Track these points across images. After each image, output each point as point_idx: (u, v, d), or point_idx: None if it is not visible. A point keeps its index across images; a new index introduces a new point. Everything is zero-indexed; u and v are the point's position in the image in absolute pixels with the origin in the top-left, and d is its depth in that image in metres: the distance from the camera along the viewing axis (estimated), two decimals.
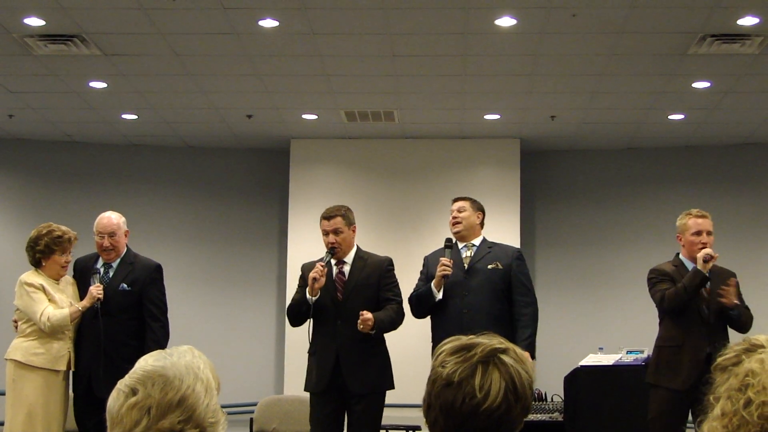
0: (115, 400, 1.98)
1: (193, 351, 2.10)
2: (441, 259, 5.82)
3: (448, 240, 5.97)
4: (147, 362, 2.03)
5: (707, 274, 5.74)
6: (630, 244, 10.94)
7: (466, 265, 5.90)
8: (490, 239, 6.15)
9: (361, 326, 5.52)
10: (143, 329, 5.84)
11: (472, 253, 5.96)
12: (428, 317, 6.06)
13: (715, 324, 5.78)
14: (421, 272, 6.12)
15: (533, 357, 5.75)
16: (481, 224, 6.11)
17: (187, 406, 1.97)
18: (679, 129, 10.36)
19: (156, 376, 1.98)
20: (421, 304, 5.95)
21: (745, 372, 1.84)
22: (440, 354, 1.96)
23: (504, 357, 1.93)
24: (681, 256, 6.03)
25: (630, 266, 10.54)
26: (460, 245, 6.02)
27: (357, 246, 5.94)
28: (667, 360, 5.85)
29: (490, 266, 5.89)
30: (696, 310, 5.79)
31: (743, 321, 5.83)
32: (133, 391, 1.97)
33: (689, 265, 5.88)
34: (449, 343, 1.98)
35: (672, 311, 5.88)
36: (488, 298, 5.81)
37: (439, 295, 5.83)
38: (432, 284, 5.85)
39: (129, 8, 7.01)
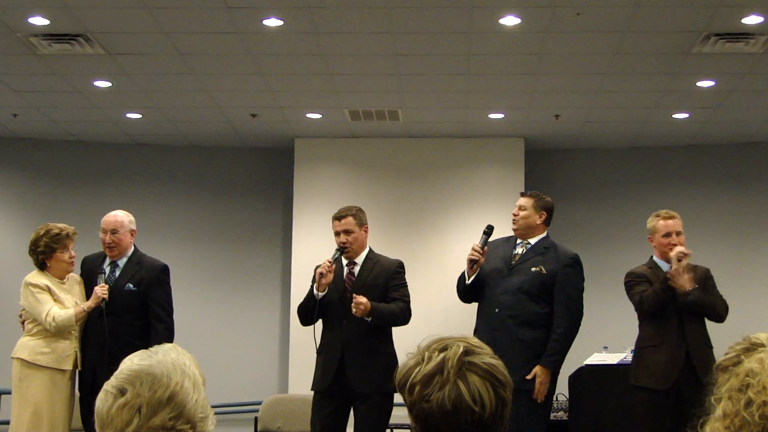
0: (103, 401, 1.98)
1: (177, 348, 2.11)
2: (473, 244, 5.73)
3: (489, 226, 5.75)
4: (132, 362, 2.03)
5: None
6: (634, 242, 10.90)
7: (513, 263, 5.72)
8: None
9: (354, 310, 5.50)
10: (149, 329, 5.84)
11: (524, 251, 5.77)
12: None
13: (690, 321, 5.76)
14: None
15: (556, 373, 5.60)
16: (545, 222, 5.83)
17: (177, 403, 1.97)
18: (683, 128, 10.35)
19: (143, 374, 1.98)
20: (458, 285, 5.86)
21: (745, 372, 1.84)
22: (414, 389, 1.92)
23: (471, 358, 1.93)
24: (654, 257, 6.04)
25: (634, 265, 10.52)
26: (518, 241, 5.82)
27: (369, 247, 5.90)
28: (645, 360, 5.86)
29: (533, 269, 5.65)
30: (673, 310, 5.77)
31: (706, 307, 5.77)
32: (122, 392, 1.97)
33: (663, 266, 5.87)
34: (413, 374, 1.94)
35: (651, 313, 5.88)
36: (522, 301, 5.61)
37: (469, 281, 5.73)
38: (466, 268, 5.78)
39: (133, 7, 7.01)
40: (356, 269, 5.81)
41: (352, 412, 5.76)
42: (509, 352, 5.36)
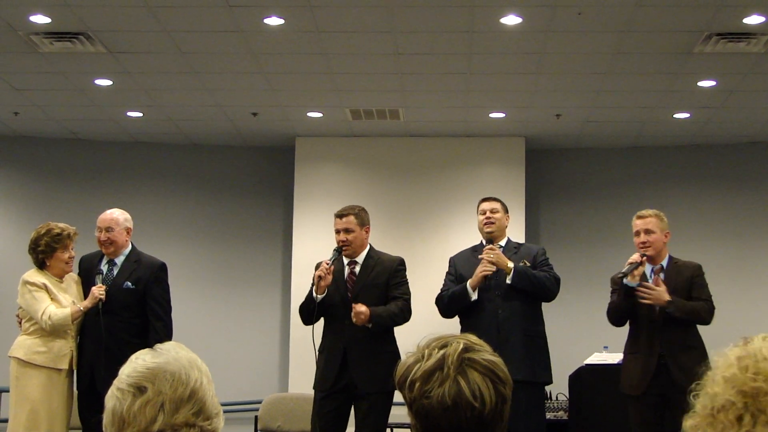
0: (120, 400, 1.97)
1: (182, 346, 2.11)
2: (484, 254, 5.80)
3: (490, 241, 5.97)
4: (145, 360, 2.02)
5: (632, 285, 5.71)
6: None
7: (496, 267, 5.85)
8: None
9: (354, 318, 5.53)
10: (146, 327, 5.84)
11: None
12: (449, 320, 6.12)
13: (667, 325, 5.68)
14: (449, 273, 6.12)
15: (515, 280, 5.78)
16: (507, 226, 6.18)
17: (198, 400, 1.99)
18: (684, 128, 10.35)
19: (161, 372, 1.98)
20: (454, 303, 5.97)
21: (718, 367, 1.89)
22: (414, 385, 1.93)
23: (471, 355, 1.94)
24: None
25: None
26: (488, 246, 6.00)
27: (370, 246, 5.94)
28: (625, 367, 5.90)
29: (519, 265, 5.90)
30: (646, 315, 5.75)
31: (686, 316, 5.68)
32: (141, 390, 1.97)
33: (647, 269, 5.86)
34: (413, 371, 1.94)
35: (615, 324, 5.98)
36: (523, 296, 5.84)
37: (474, 296, 5.85)
38: (468, 284, 5.87)
39: (134, 6, 7.02)
40: (357, 269, 5.84)
41: (352, 411, 5.79)
42: (518, 348, 5.72)
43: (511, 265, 5.78)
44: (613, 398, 7.04)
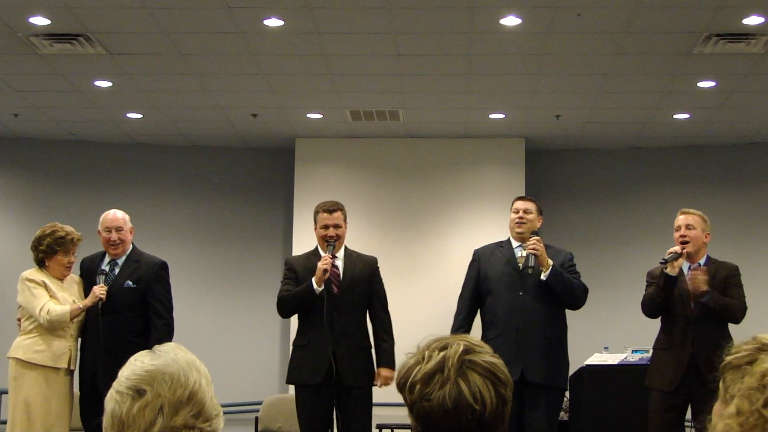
0: (120, 403, 1.97)
1: (182, 347, 2.11)
2: (530, 243, 5.80)
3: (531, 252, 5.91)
4: (144, 362, 2.01)
5: (672, 275, 5.76)
6: (635, 243, 10.93)
7: (520, 265, 5.87)
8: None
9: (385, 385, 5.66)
10: (148, 327, 5.85)
11: (527, 254, 5.87)
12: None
13: (700, 322, 5.75)
14: (471, 266, 6.13)
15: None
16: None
17: (197, 402, 1.98)
18: (684, 128, 10.35)
19: (159, 374, 1.97)
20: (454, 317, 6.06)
21: (762, 372, 1.86)
22: (415, 388, 1.93)
23: (472, 357, 1.93)
24: None
25: (635, 265, 10.49)
26: (515, 244, 6.03)
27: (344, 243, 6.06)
28: (656, 362, 5.94)
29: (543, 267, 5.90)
30: (681, 311, 5.79)
31: (722, 310, 5.77)
32: (139, 392, 1.95)
33: (684, 266, 5.90)
34: (414, 373, 1.94)
35: (649, 316, 5.99)
36: (543, 298, 5.84)
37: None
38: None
39: (134, 7, 7.02)
40: (338, 263, 5.93)
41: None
42: (537, 351, 5.74)
43: (551, 262, 5.79)
44: (614, 398, 7.05)
